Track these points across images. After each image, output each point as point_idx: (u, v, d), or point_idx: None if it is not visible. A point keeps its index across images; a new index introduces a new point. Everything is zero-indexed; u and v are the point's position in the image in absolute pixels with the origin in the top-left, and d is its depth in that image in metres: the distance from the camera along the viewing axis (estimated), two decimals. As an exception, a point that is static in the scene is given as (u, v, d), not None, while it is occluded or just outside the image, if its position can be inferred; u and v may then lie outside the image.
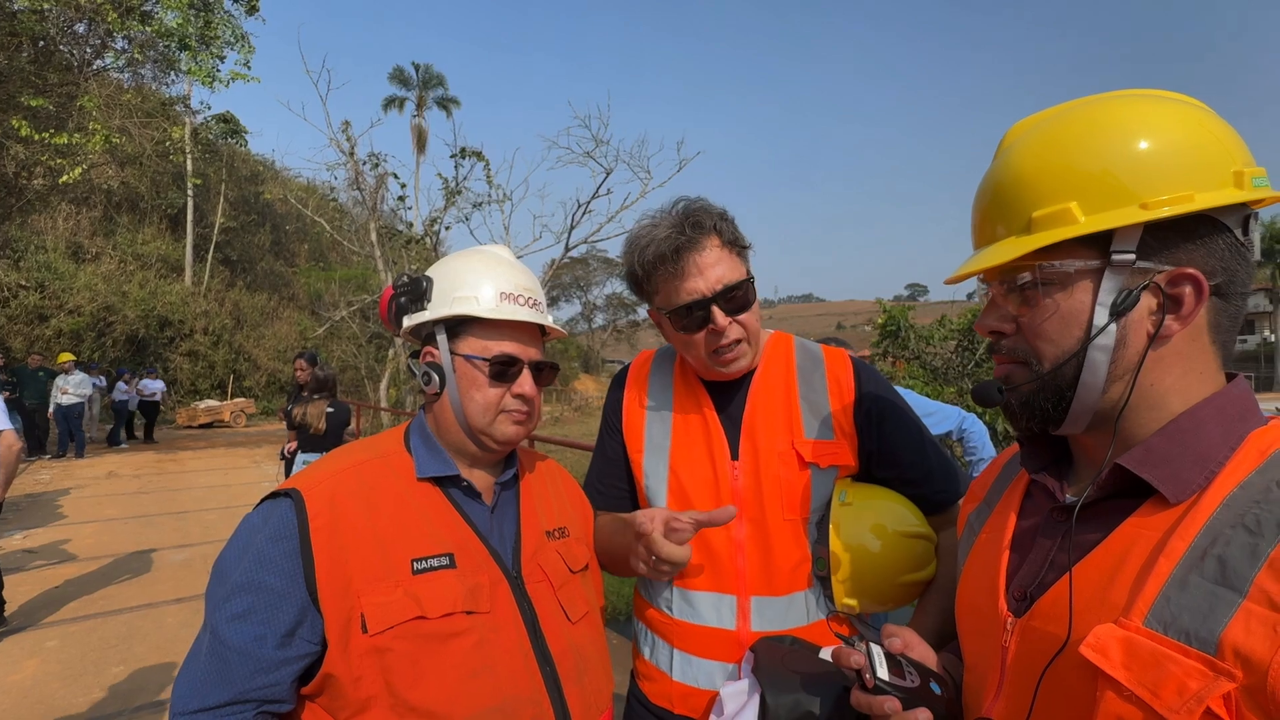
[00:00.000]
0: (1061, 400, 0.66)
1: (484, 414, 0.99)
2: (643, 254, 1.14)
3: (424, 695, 0.85)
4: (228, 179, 25.26)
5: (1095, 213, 0.61)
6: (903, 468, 1.18)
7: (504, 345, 1.00)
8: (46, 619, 4.46)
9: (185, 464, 11.49)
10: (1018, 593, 0.69)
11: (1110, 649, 0.56)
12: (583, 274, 46.52)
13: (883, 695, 0.72)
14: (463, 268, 1.03)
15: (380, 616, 0.85)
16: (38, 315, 17.07)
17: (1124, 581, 0.59)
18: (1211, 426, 0.62)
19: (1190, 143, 0.61)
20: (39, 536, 6.50)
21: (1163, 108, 0.63)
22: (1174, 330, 0.62)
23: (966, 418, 2.96)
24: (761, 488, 1.15)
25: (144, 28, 9.31)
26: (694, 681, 1.14)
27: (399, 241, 13.87)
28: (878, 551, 1.08)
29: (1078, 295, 0.64)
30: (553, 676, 0.95)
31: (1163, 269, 0.61)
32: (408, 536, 0.91)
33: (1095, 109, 0.65)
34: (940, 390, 6.24)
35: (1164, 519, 0.59)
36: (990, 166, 0.72)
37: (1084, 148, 0.63)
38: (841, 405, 1.19)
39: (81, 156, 9.10)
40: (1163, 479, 0.60)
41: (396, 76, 37.62)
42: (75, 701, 3.38)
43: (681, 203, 1.17)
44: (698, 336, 1.15)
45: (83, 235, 20.47)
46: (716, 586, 1.15)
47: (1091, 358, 0.64)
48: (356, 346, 18.92)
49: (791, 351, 1.27)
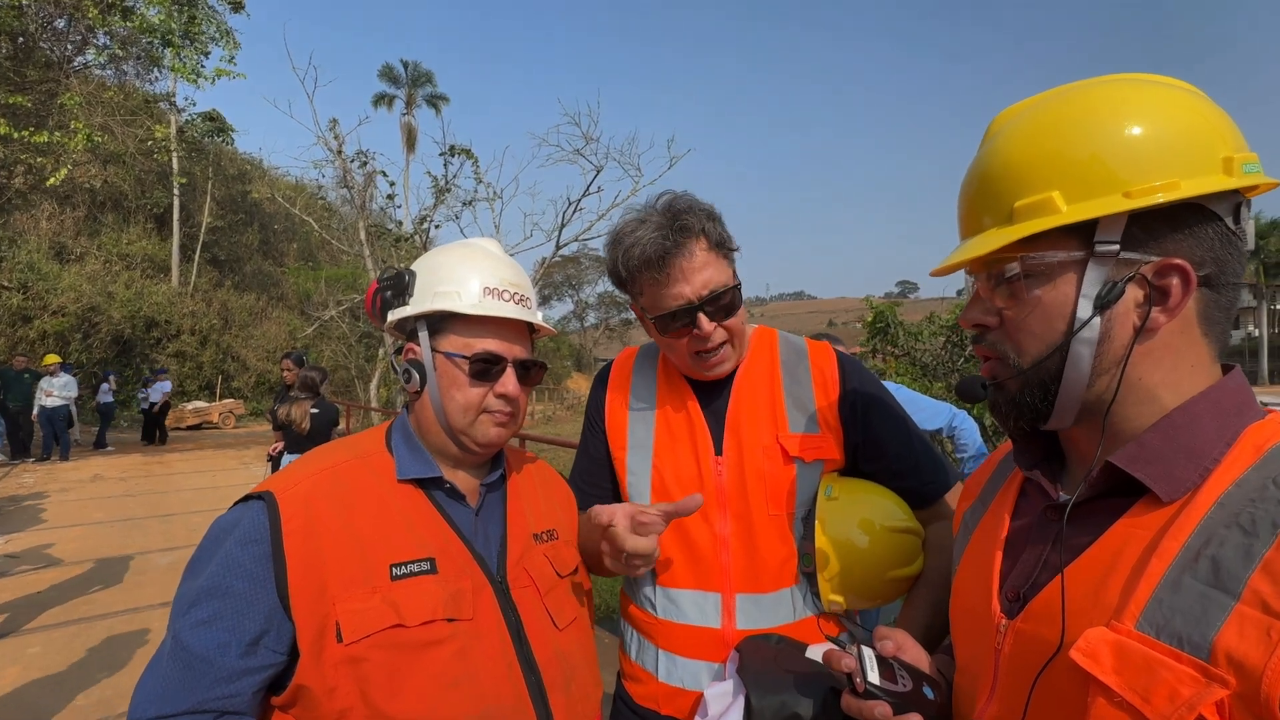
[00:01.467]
0: (1047, 394, 0.65)
1: (464, 414, 0.96)
2: (627, 254, 1.11)
3: (401, 707, 0.82)
4: (214, 178, 24.95)
5: (1078, 201, 0.59)
6: (889, 460, 1.16)
7: (487, 343, 0.97)
8: (29, 625, 4.38)
9: (172, 466, 11.35)
10: (1011, 594, 0.67)
11: (1101, 653, 0.54)
12: (574, 272, 46.47)
13: (873, 700, 0.70)
14: (446, 261, 1.00)
15: (356, 625, 0.82)
16: (21, 317, 16.81)
17: (1116, 583, 0.57)
18: (1206, 421, 0.60)
19: (1177, 127, 0.59)
20: (21, 541, 6.39)
21: (1148, 91, 0.61)
22: (1161, 323, 0.60)
23: (957, 414, 2.98)
24: (746, 483, 1.14)
25: (125, 23, 9.17)
26: (679, 682, 1.12)
27: (388, 240, 13.77)
28: (865, 547, 1.07)
29: (1061, 288, 0.62)
30: (538, 685, 0.92)
31: (1149, 260, 0.59)
32: (387, 540, 0.88)
33: (1079, 94, 0.63)
34: (929, 386, 6.28)
35: (1157, 518, 0.58)
36: (976, 155, 0.70)
37: (1066, 134, 0.61)
38: (826, 399, 1.18)
39: (64, 156, 8.96)
40: (1155, 477, 0.58)
41: (386, 74, 37.36)
42: (59, 708, 3.32)
43: (667, 197, 1.14)
44: (681, 341, 1.14)
45: (66, 235, 20.19)
46: (700, 584, 1.13)
47: (1075, 351, 0.62)
48: (346, 346, 18.78)
49: (775, 346, 1.26)
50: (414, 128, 36.52)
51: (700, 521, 1.14)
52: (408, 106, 37.67)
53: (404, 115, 37.38)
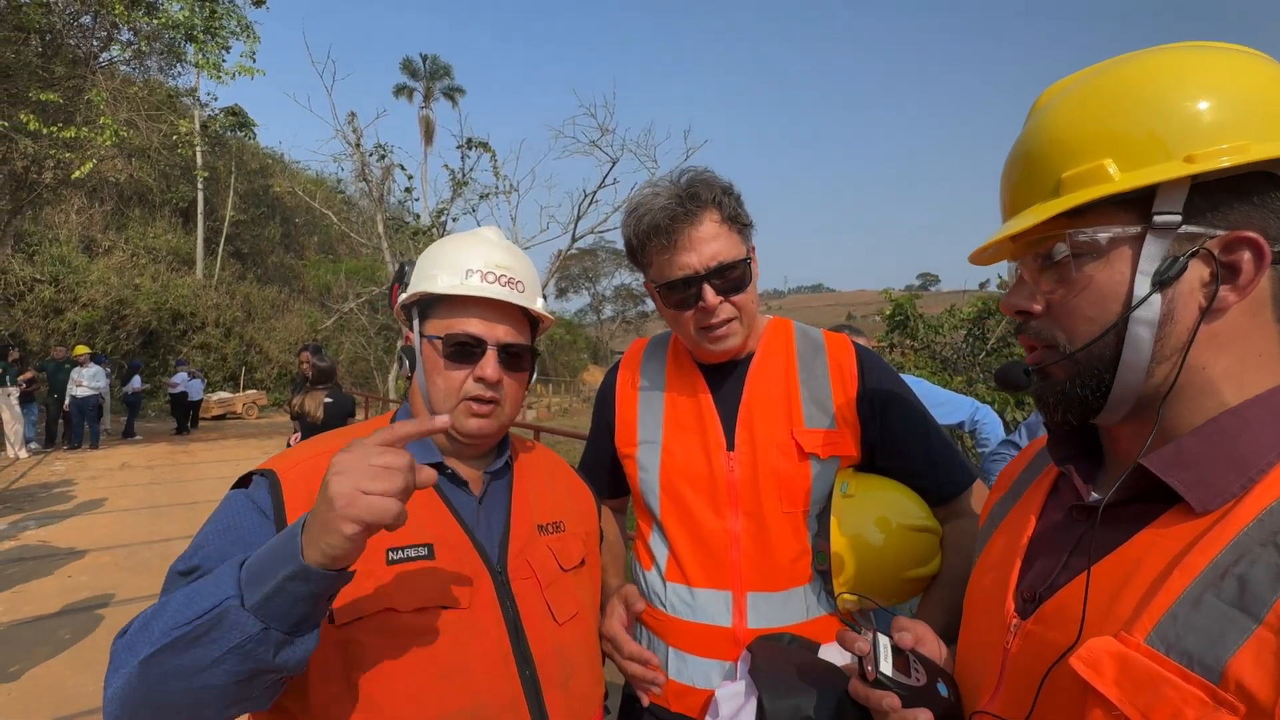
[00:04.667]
0: (1100, 384, 0.59)
1: (445, 399, 0.94)
2: (639, 223, 1.10)
3: (389, 695, 0.81)
4: (236, 172, 25.34)
5: (1133, 169, 0.54)
6: (907, 458, 1.13)
7: (466, 323, 0.94)
8: (59, 608, 4.51)
9: (197, 455, 11.60)
10: (1027, 593, 0.64)
11: (1103, 664, 0.51)
12: (591, 265, 46.51)
13: (883, 691, 0.67)
14: (441, 248, 1.00)
15: (348, 606, 0.81)
16: (53, 309, 17.22)
17: (1133, 594, 0.53)
18: (1260, 428, 0.54)
19: (1242, 89, 0.53)
20: (53, 527, 6.58)
21: (1210, 55, 0.56)
22: (1230, 302, 0.54)
23: (980, 408, 2.91)
24: (759, 480, 1.11)
25: (150, 20, 9.30)
26: (690, 680, 1.11)
27: (406, 233, 13.87)
28: (880, 545, 1.04)
29: (1116, 265, 0.56)
30: (533, 681, 0.89)
31: (1214, 233, 0.53)
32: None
33: (1135, 63, 0.58)
34: (949, 380, 6.18)
35: (1187, 530, 0.53)
36: (1022, 132, 0.65)
37: (1122, 102, 0.56)
38: (844, 394, 1.14)
39: (91, 151, 9.13)
40: (1189, 484, 0.54)
41: (406, 67, 37.66)
42: (87, 690, 3.41)
43: (687, 174, 1.12)
44: (686, 314, 1.11)
45: (95, 229, 20.62)
46: (711, 582, 1.11)
47: (1133, 333, 0.56)
48: (365, 338, 19.02)
49: (791, 337, 1.23)
50: (432, 121, 36.76)
51: (711, 518, 1.12)
52: (426, 99, 37.93)
53: (422, 108, 37.66)
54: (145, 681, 0.65)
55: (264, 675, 0.67)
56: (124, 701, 0.66)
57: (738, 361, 1.20)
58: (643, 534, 1.23)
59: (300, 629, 0.67)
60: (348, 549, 0.64)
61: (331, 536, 0.63)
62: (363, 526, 0.64)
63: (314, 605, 0.66)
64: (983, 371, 6.64)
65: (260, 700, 0.71)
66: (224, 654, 0.63)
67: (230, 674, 0.64)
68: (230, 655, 0.63)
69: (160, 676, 0.64)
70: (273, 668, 0.66)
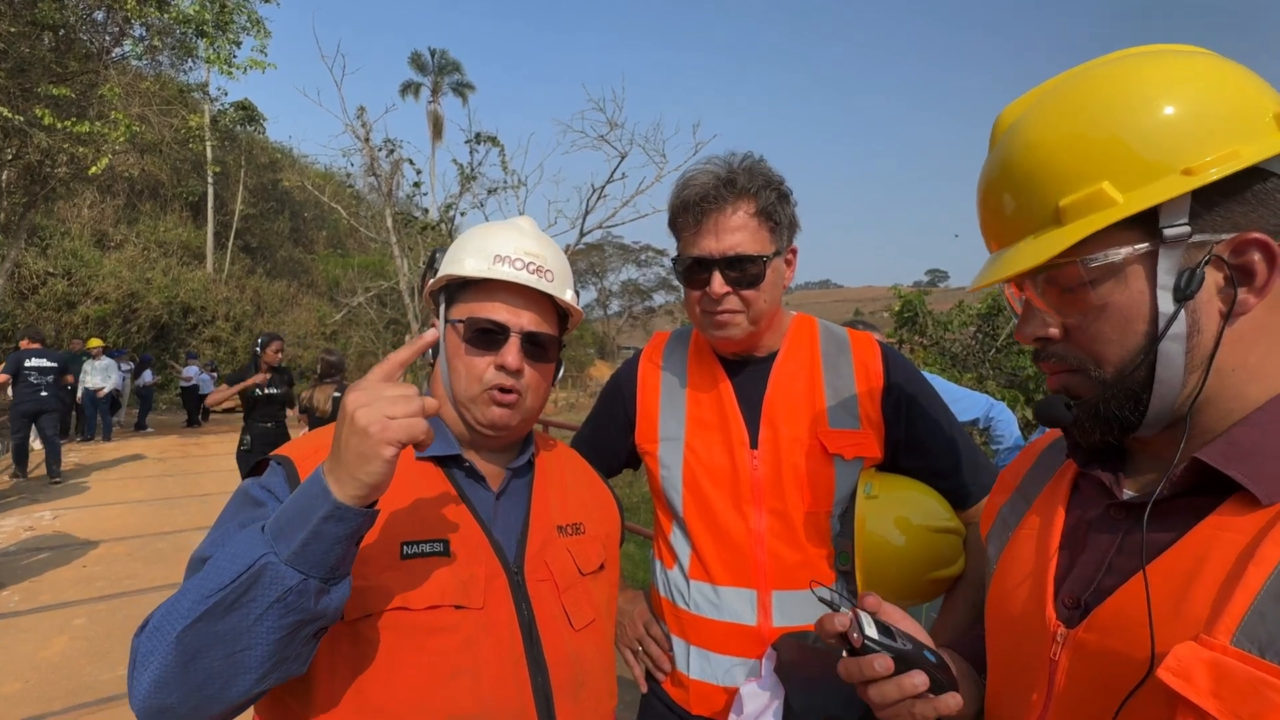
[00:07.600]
0: (1138, 405, 0.59)
1: (466, 386, 0.93)
2: (678, 195, 1.11)
3: (394, 694, 0.78)
4: (246, 166, 25.44)
5: (1133, 189, 0.54)
6: (932, 459, 1.12)
7: (490, 308, 0.93)
8: (74, 597, 4.57)
9: (208, 448, 11.70)
10: (1069, 600, 0.62)
11: (1195, 673, 0.48)
12: (598, 260, 46.45)
13: (871, 654, 0.66)
14: (472, 234, 0.99)
15: (358, 601, 0.78)
16: (66, 302, 17.40)
17: (1202, 593, 0.51)
18: None
19: (1220, 93, 0.54)
20: (67, 517, 6.66)
21: (1176, 62, 0.56)
22: (1251, 304, 0.55)
23: (995, 405, 2.89)
24: (782, 479, 1.11)
25: (161, 14, 9.34)
26: (712, 678, 1.11)
27: (415, 228, 13.90)
28: (903, 546, 1.04)
29: (1133, 285, 0.57)
30: (544, 688, 0.86)
31: (1220, 237, 0.54)
32: (399, 518, 0.85)
33: (1101, 76, 0.58)
34: (959, 377, 6.14)
35: (1251, 521, 0.52)
36: (990, 158, 0.64)
37: (1103, 119, 0.56)
38: (869, 394, 1.14)
39: (105, 146, 9.19)
40: (1252, 476, 0.53)
41: (414, 62, 37.68)
42: (102, 678, 3.46)
43: (742, 158, 1.11)
44: (695, 295, 1.12)
45: (107, 223, 20.78)
46: (736, 580, 1.11)
47: (1165, 350, 0.57)
48: (374, 332, 19.09)
49: (815, 336, 1.22)
50: (440, 115, 36.80)
51: (734, 516, 1.12)
52: (434, 94, 37.94)
53: (430, 103, 37.69)
54: (183, 657, 0.64)
55: (305, 627, 0.68)
56: (160, 687, 0.65)
57: (760, 358, 1.20)
58: (664, 531, 1.22)
59: (336, 574, 0.68)
60: (386, 473, 0.68)
61: (372, 464, 0.66)
62: (398, 447, 0.67)
63: (347, 548, 0.68)
64: (993, 368, 6.60)
65: (298, 661, 0.70)
66: (265, 610, 0.64)
67: (274, 630, 0.65)
68: (272, 610, 0.64)
69: (199, 649, 0.64)
70: (315, 614, 0.67)
